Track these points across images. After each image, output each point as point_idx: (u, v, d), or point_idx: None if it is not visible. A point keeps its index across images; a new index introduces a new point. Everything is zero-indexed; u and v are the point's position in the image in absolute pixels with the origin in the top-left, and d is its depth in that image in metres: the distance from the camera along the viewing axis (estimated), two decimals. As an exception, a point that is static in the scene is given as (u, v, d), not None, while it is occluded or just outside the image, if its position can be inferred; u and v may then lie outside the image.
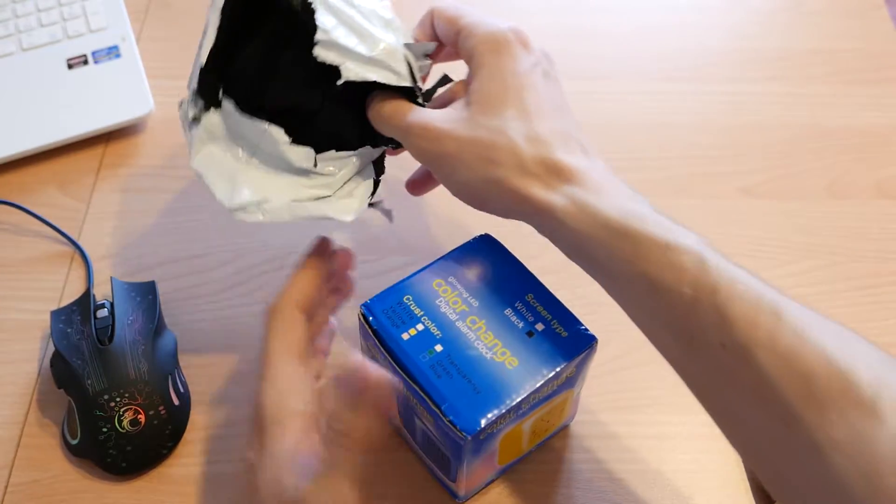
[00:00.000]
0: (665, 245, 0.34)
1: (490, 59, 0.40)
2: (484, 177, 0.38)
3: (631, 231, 0.35)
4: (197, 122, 0.42)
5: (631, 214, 0.35)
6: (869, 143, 0.62)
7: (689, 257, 0.34)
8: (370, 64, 0.40)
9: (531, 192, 0.37)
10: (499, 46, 0.40)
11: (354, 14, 0.40)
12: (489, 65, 0.40)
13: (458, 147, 0.38)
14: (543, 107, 0.39)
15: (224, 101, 0.42)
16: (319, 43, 0.39)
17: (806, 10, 0.70)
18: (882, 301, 0.54)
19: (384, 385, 0.34)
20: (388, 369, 0.39)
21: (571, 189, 0.37)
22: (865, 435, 0.30)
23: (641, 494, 0.47)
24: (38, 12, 0.66)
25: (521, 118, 0.38)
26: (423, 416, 0.40)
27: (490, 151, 0.38)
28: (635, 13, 0.70)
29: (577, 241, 0.36)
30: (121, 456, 0.47)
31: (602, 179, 0.37)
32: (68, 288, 0.55)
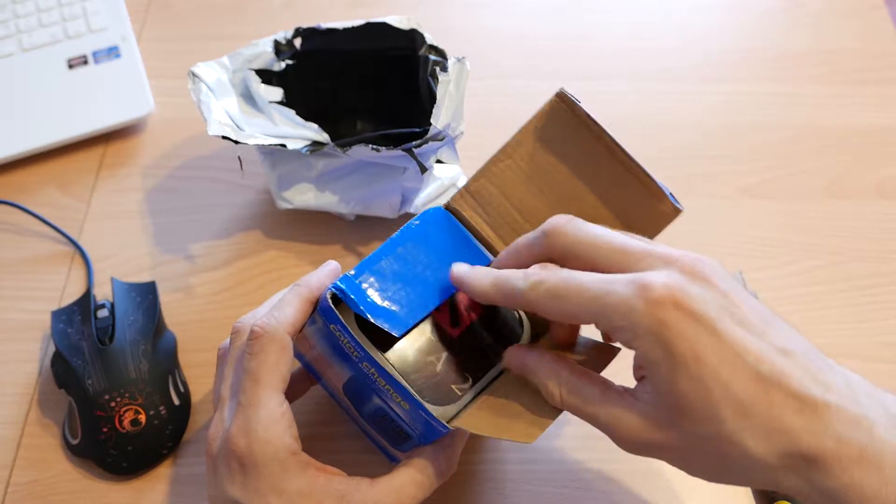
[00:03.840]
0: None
1: (656, 352, 0.32)
2: (727, 479, 0.34)
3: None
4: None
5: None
6: (869, 143, 0.62)
7: None
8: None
9: (786, 486, 0.32)
10: (657, 335, 0.32)
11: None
12: (660, 360, 0.32)
13: (683, 455, 0.34)
14: (753, 379, 0.32)
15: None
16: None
17: (805, 10, 0.70)
18: (882, 301, 0.54)
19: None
20: (357, 353, 0.38)
21: (824, 481, 0.31)
22: None
23: (641, 494, 0.47)
24: (38, 12, 0.66)
25: (742, 413, 0.31)
26: (394, 399, 0.39)
27: (723, 464, 0.33)
28: (634, 13, 0.70)
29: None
30: (121, 456, 0.47)
31: (853, 451, 0.31)
32: (68, 288, 0.55)
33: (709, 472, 0.34)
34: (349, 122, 0.59)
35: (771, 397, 0.31)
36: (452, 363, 0.40)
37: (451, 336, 0.40)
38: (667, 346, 0.32)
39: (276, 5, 0.70)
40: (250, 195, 0.59)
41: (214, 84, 0.53)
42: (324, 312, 0.39)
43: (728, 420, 0.32)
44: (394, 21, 0.54)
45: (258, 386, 0.36)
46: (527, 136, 0.41)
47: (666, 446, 0.34)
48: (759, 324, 0.33)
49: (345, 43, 0.56)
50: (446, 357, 0.40)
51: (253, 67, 0.54)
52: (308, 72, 0.56)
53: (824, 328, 0.53)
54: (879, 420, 0.32)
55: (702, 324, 0.32)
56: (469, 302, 0.41)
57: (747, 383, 0.32)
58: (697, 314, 0.32)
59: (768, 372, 0.32)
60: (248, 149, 0.58)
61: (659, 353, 0.32)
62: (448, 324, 0.40)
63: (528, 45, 0.67)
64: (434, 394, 0.39)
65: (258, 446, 0.36)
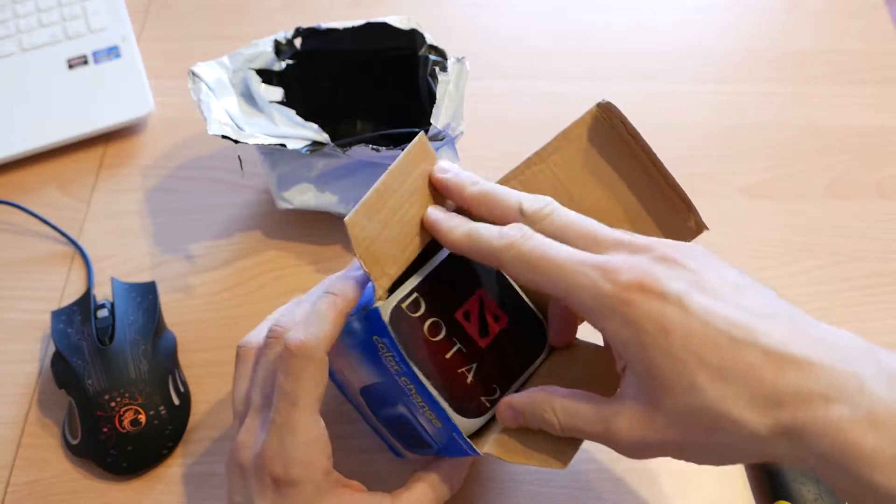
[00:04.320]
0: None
1: (627, 334, 0.32)
2: (728, 458, 0.33)
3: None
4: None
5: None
6: (869, 143, 0.62)
7: None
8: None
9: (783, 455, 0.31)
10: (625, 316, 0.32)
11: None
12: (630, 339, 0.32)
13: (679, 448, 0.33)
14: (723, 344, 0.31)
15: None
16: None
17: (806, 10, 0.70)
18: (882, 301, 0.54)
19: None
20: (398, 368, 0.38)
21: (820, 446, 0.30)
22: None
23: (641, 494, 0.47)
24: (38, 12, 0.66)
25: (721, 377, 0.31)
26: (426, 416, 0.40)
27: (715, 440, 0.32)
28: (634, 13, 0.70)
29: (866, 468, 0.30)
30: (121, 456, 0.47)
31: (843, 406, 0.30)
32: (68, 288, 0.55)
33: (709, 454, 0.33)
34: (349, 122, 0.59)
35: (748, 359, 0.31)
36: (482, 374, 0.40)
37: (481, 347, 0.40)
38: (634, 325, 0.32)
39: (276, 5, 0.70)
40: (250, 195, 0.59)
41: (214, 84, 0.53)
42: (372, 325, 0.37)
43: (707, 388, 0.31)
44: (394, 21, 0.54)
45: (295, 408, 0.35)
46: (564, 143, 0.41)
47: (661, 440, 0.33)
48: (732, 292, 0.33)
49: (345, 43, 0.56)
50: (476, 368, 0.39)
51: (253, 67, 0.54)
52: (308, 72, 0.56)
53: (824, 328, 0.53)
54: (870, 375, 0.31)
55: (667, 300, 0.32)
56: (494, 311, 0.41)
57: (719, 348, 0.31)
58: (663, 292, 0.32)
59: (742, 335, 0.31)
60: (248, 149, 0.58)
61: (627, 333, 0.32)
62: (477, 334, 0.40)
63: (528, 45, 0.67)
64: (464, 405, 0.39)
65: (295, 469, 0.35)
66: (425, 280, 0.39)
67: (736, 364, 0.31)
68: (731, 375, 0.31)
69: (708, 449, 0.33)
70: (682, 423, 0.32)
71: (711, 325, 0.32)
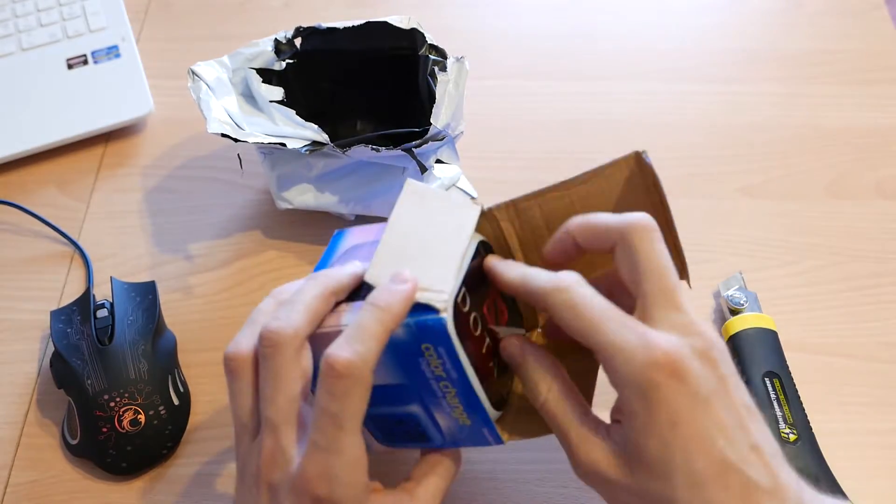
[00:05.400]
0: None
1: (639, 407, 0.33)
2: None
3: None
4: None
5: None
6: (869, 143, 0.62)
7: None
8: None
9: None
10: (648, 392, 0.33)
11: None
12: (639, 415, 0.33)
13: (632, 499, 0.35)
14: (713, 462, 0.33)
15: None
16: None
17: (806, 10, 0.70)
18: (882, 301, 0.54)
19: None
20: (446, 375, 0.37)
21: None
22: None
23: (641, 494, 0.47)
24: (37, 12, 0.66)
25: (691, 485, 0.33)
26: (453, 416, 0.39)
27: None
28: (635, 13, 0.70)
29: None
30: (121, 456, 0.47)
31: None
32: (68, 288, 0.55)
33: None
34: (349, 122, 0.59)
35: (727, 481, 0.33)
36: (501, 366, 0.40)
37: (499, 339, 0.40)
38: (649, 405, 0.33)
39: (276, 5, 0.70)
40: (250, 195, 0.59)
41: (214, 83, 0.53)
42: (428, 334, 0.36)
43: (679, 488, 0.33)
44: (394, 21, 0.54)
45: (342, 431, 0.34)
46: (592, 178, 0.40)
47: (618, 487, 0.35)
48: (743, 415, 0.34)
49: (345, 43, 0.56)
50: (497, 360, 0.40)
51: (253, 67, 0.54)
52: (308, 71, 0.56)
53: (824, 328, 0.53)
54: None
55: (689, 397, 0.33)
56: (499, 302, 0.41)
57: (710, 462, 0.33)
58: (689, 387, 0.33)
59: (733, 460, 0.33)
60: (247, 149, 0.58)
61: (639, 407, 0.33)
62: (495, 326, 0.40)
63: (528, 45, 0.67)
64: (495, 398, 0.39)
65: (341, 490, 0.34)
66: (468, 273, 0.38)
67: (716, 483, 0.33)
68: (707, 490, 0.33)
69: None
70: (644, 496, 0.34)
71: (713, 441, 0.33)
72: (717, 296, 0.54)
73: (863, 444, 0.49)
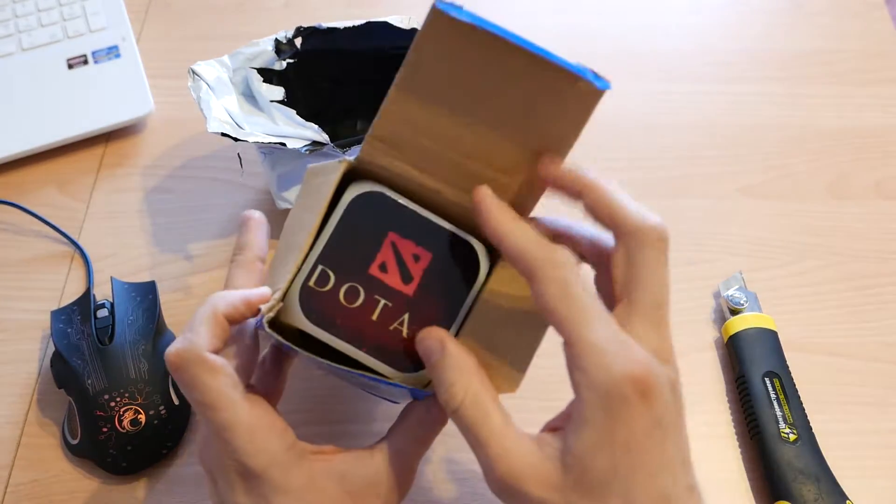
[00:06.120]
0: None
1: (600, 419, 0.31)
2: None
3: None
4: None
5: None
6: (869, 143, 0.62)
7: None
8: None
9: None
10: (615, 406, 0.31)
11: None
12: (597, 427, 0.31)
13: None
14: (654, 495, 0.32)
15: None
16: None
17: (806, 10, 0.70)
18: (882, 301, 0.54)
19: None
20: (324, 366, 0.37)
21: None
22: None
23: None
24: (38, 12, 0.66)
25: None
26: (374, 386, 0.39)
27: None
28: (634, 13, 0.70)
29: None
30: (121, 456, 0.47)
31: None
32: (68, 288, 0.55)
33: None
34: (349, 122, 0.59)
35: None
36: (418, 322, 0.37)
37: (408, 294, 0.37)
38: (611, 418, 0.31)
39: (277, 5, 0.70)
40: (250, 195, 0.59)
41: (214, 82, 0.53)
42: (274, 338, 0.36)
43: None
44: (394, 20, 0.54)
45: (215, 411, 0.35)
46: (414, 62, 0.35)
47: (532, 499, 0.32)
48: (686, 453, 0.34)
49: (345, 42, 0.56)
50: (409, 318, 0.37)
51: (253, 66, 0.54)
52: (308, 71, 0.56)
53: (824, 328, 0.53)
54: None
55: (651, 423, 0.32)
56: (413, 251, 0.38)
57: (650, 496, 0.32)
58: (654, 413, 0.32)
59: (672, 497, 0.32)
60: (248, 149, 0.58)
61: (599, 418, 0.31)
62: (400, 283, 0.37)
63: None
64: (411, 360, 0.37)
65: (249, 460, 0.35)
66: (327, 248, 0.37)
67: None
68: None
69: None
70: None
71: (660, 476, 0.32)
72: (717, 296, 0.54)
73: (863, 444, 0.49)
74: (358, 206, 0.37)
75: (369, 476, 0.36)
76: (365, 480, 0.36)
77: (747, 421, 0.48)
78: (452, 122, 0.36)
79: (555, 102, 0.36)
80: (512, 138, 0.36)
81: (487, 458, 0.33)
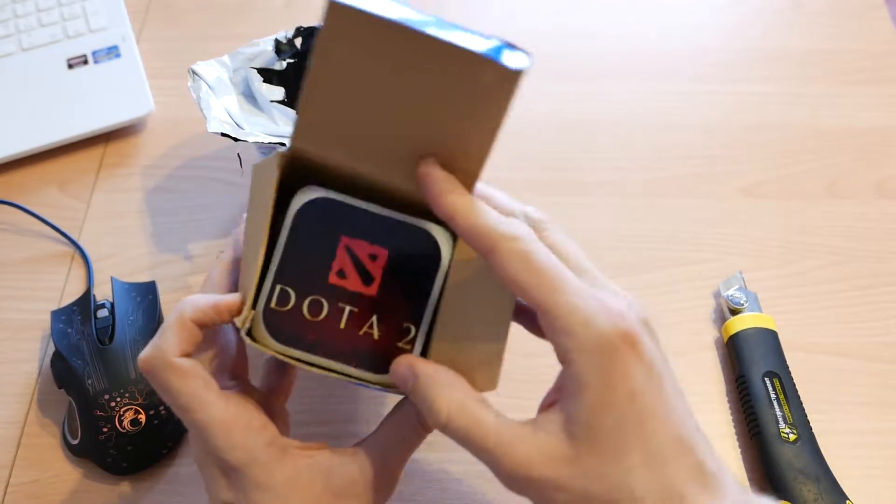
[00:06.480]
0: None
1: (595, 377, 0.30)
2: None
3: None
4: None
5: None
6: (869, 143, 0.62)
7: None
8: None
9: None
10: (607, 360, 0.30)
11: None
12: (595, 386, 0.30)
13: (571, 500, 0.31)
14: (671, 439, 0.31)
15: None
16: None
17: (806, 10, 0.70)
18: (882, 301, 0.54)
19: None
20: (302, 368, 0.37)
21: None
22: None
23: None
24: (38, 12, 0.66)
25: (648, 465, 0.30)
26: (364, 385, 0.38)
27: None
28: (635, 13, 0.70)
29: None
30: (121, 456, 0.47)
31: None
32: (68, 288, 0.55)
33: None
34: (349, 122, 0.59)
35: (684, 461, 0.31)
36: (387, 321, 0.36)
37: (372, 295, 0.36)
38: (608, 374, 0.30)
39: (277, 5, 0.70)
40: (250, 195, 0.59)
41: (214, 82, 0.53)
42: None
43: (636, 468, 0.30)
44: (394, 21, 0.54)
45: (190, 412, 0.35)
46: (322, 60, 0.34)
47: (555, 485, 0.31)
48: (683, 394, 0.33)
49: (345, 43, 0.56)
50: (377, 319, 0.36)
51: (254, 66, 0.54)
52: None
53: (824, 328, 0.53)
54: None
55: (645, 368, 0.31)
56: (368, 251, 0.37)
57: (669, 439, 0.31)
58: (644, 358, 0.31)
59: (686, 437, 0.31)
60: (248, 149, 0.58)
61: (594, 378, 0.30)
62: (361, 285, 0.37)
63: (528, 45, 0.67)
64: (385, 362, 0.36)
65: (226, 455, 0.35)
66: (282, 265, 0.36)
67: (671, 461, 0.31)
68: (663, 469, 0.31)
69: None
70: (590, 485, 0.31)
71: (669, 418, 0.31)
72: (717, 296, 0.54)
73: (863, 444, 0.49)
74: (305, 217, 0.36)
75: (353, 475, 0.36)
76: (348, 479, 0.36)
77: (747, 421, 0.48)
78: (372, 113, 0.34)
79: (469, 89, 0.34)
80: (436, 125, 0.34)
81: (492, 458, 0.32)
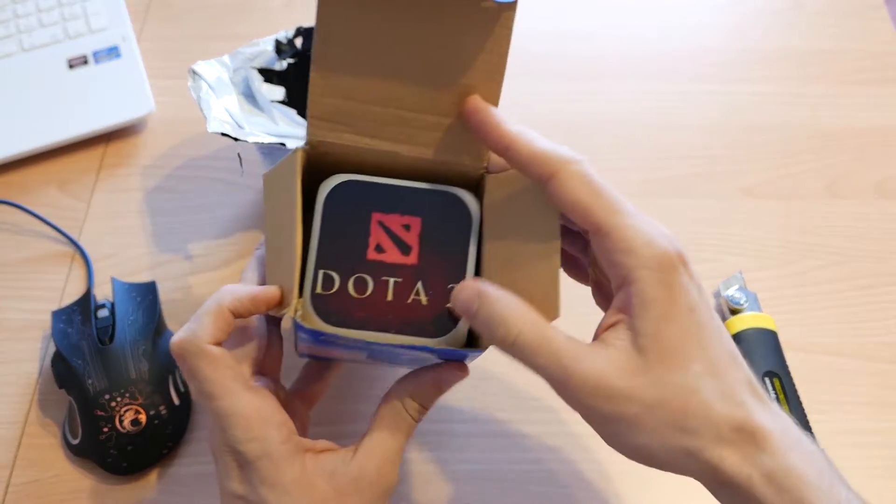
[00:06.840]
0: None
1: (659, 292, 0.33)
2: (672, 445, 0.33)
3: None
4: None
5: (827, 496, 0.32)
6: (869, 143, 0.62)
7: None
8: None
9: (727, 464, 0.32)
10: (668, 276, 0.33)
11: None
12: (660, 300, 0.33)
13: (641, 410, 0.32)
14: (725, 352, 0.34)
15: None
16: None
17: (806, 10, 0.70)
18: (882, 301, 0.54)
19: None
20: (364, 346, 0.38)
21: (767, 460, 0.32)
22: None
23: (642, 495, 0.47)
24: (38, 12, 0.66)
25: (711, 373, 0.33)
26: (419, 357, 0.39)
27: (682, 418, 0.32)
28: (634, 13, 0.70)
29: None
30: (121, 456, 0.47)
31: (793, 442, 0.33)
32: (68, 288, 0.55)
33: (661, 433, 0.33)
34: (349, 122, 0.59)
35: (735, 373, 0.33)
36: (432, 286, 0.37)
37: (414, 263, 0.37)
38: (671, 288, 0.33)
39: (277, 5, 0.70)
40: (250, 195, 0.59)
41: (214, 82, 0.53)
42: (308, 332, 0.37)
43: (701, 374, 0.33)
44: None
45: (215, 400, 0.36)
46: (323, 36, 0.36)
47: (627, 395, 0.32)
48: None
49: (345, 43, 0.56)
50: (422, 285, 0.37)
51: (254, 66, 0.54)
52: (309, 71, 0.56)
53: (824, 328, 0.53)
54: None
55: (698, 289, 0.34)
56: (401, 222, 0.38)
57: (723, 352, 0.34)
58: (696, 280, 0.34)
59: (735, 353, 0.34)
60: (248, 149, 0.58)
61: (659, 293, 0.33)
62: (401, 256, 0.38)
63: (527, 45, 0.67)
64: (437, 326, 0.37)
65: (242, 447, 0.36)
66: (321, 252, 0.37)
67: (727, 371, 0.33)
68: (722, 376, 0.33)
69: (668, 429, 0.33)
70: (661, 393, 0.32)
71: (720, 333, 0.34)
72: (717, 296, 0.54)
73: (863, 444, 0.49)
74: (334, 202, 0.38)
75: (353, 473, 0.37)
76: (349, 477, 0.37)
77: (747, 421, 0.48)
78: (380, 82, 0.36)
79: (468, 31, 0.36)
80: (443, 81, 0.36)
81: (563, 370, 0.33)
